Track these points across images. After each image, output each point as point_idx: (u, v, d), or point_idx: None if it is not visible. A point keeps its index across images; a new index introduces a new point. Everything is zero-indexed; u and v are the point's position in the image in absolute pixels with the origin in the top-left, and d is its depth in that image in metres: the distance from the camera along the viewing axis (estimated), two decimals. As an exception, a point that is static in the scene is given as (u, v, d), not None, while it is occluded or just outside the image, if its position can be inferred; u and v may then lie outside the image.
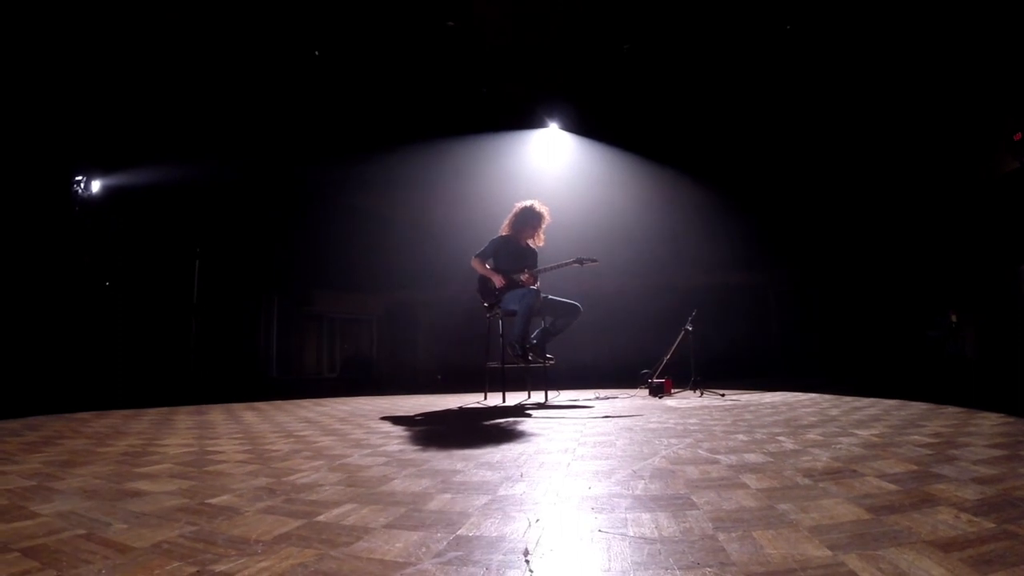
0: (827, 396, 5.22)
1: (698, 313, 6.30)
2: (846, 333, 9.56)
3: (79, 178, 7.53)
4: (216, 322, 8.80)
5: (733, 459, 2.24)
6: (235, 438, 3.25)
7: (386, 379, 10.83)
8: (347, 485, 1.94)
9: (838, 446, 2.46)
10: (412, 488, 1.88)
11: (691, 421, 3.51)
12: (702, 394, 5.99)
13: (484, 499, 1.71)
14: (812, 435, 2.82)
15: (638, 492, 1.73)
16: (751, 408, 4.28)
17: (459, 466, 2.26)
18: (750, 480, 1.85)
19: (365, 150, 8.73)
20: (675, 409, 4.42)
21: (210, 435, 3.39)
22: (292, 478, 2.06)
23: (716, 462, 2.19)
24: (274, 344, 10.38)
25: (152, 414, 4.90)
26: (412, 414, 4.64)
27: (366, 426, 3.79)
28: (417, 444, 2.92)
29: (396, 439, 3.09)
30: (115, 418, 4.57)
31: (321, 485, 1.94)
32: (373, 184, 9.46)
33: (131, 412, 5.13)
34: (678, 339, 6.31)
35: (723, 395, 5.75)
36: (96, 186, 7.69)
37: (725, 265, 9.73)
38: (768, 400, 4.99)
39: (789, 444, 2.57)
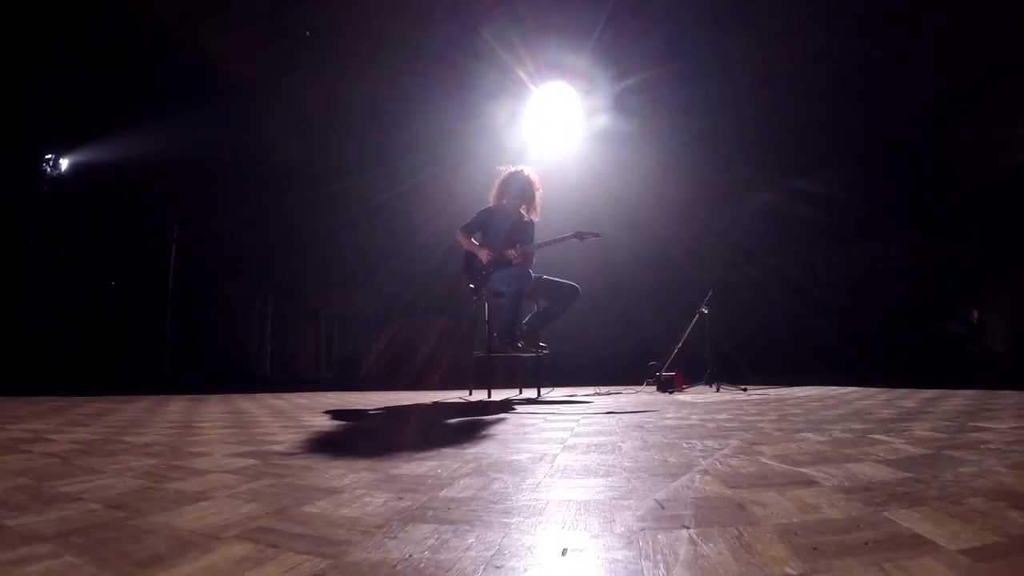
0: (871, 389, 4.15)
1: (715, 294, 5.22)
2: (862, 328, 8.46)
3: (48, 156, 6.57)
4: (198, 313, 7.76)
5: (834, 474, 1.20)
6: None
7: (385, 377, 9.71)
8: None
9: (992, 446, 1.42)
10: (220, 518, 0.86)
11: (723, 417, 2.46)
12: (719, 389, 4.92)
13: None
14: (920, 431, 1.78)
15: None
16: (791, 402, 3.22)
17: (343, 483, 1.22)
18: (915, 522, 0.82)
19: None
20: (694, 404, 3.36)
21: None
22: None
23: (808, 481, 1.15)
24: (268, 341, 9.34)
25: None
26: (369, 408, 3.60)
27: (289, 419, 2.74)
28: (316, 444, 1.89)
29: (297, 435, 2.04)
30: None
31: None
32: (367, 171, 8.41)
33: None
34: (691, 324, 5.22)
35: (745, 389, 4.69)
36: (66, 164, 6.72)
37: (739, 253, 8.61)
38: (804, 394, 3.92)
39: (901, 444, 1.53)
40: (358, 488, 1.18)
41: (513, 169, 4.98)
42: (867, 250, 8.73)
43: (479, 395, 4.76)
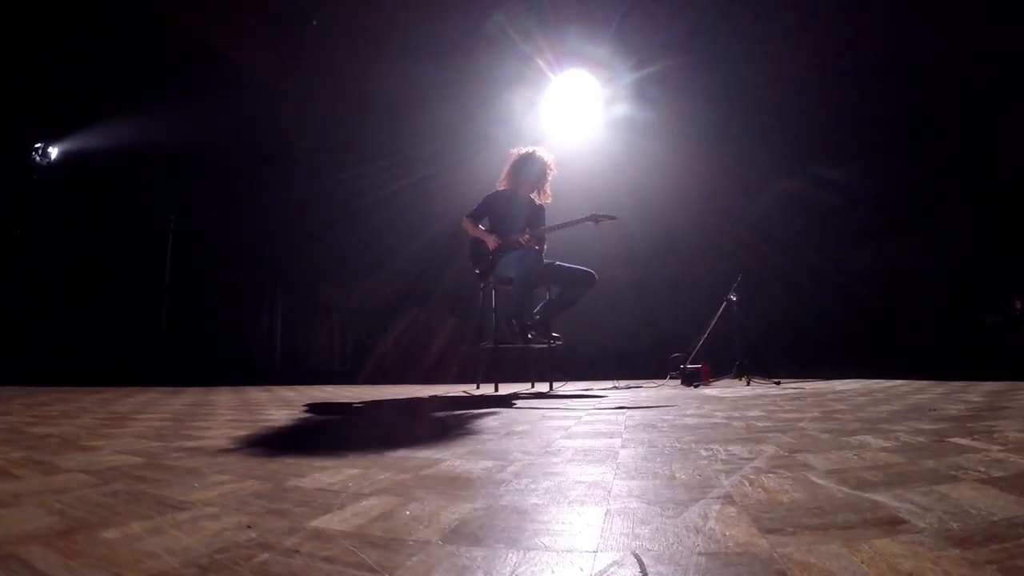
0: (921, 382, 3.64)
1: (745, 279, 4.72)
2: (893, 320, 7.78)
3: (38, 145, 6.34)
4: (200, 306, 7.45)
5: (926, 505, 0.76)
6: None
7: (400, 370, 9.34)
8: None
9: None
10: None
11: (754, 414, 2.01)
12: (749, 382, 4.44)
13: None
14: (1012, 432, 1.33)
15: None
16: (832, 396, 2.75)
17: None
18: None
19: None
20: (721, 399, 2.91)
21: None
22: None
23: (889, 519, 0.72)
24: (278, 334, 9.03)
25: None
26: (354, 401, 3.22)
27: (250, 413, 2.37)
28: (269, 440, 1.51)
29: (248, 432, 1.65)
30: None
31: None
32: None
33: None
34: (718, 313, 4.73)
35: (778, 382, 4.20)
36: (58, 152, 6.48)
37: (761, 242, 8.01)
38: (844, 388, 3.43)
39: (1000, 452, 1.09)
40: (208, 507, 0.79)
41: (525, 150, 4.57)
42: (898, 240, 8.06)
43: (487, 389, 4.36)
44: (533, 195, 4.57)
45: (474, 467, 1.13)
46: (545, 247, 4.54)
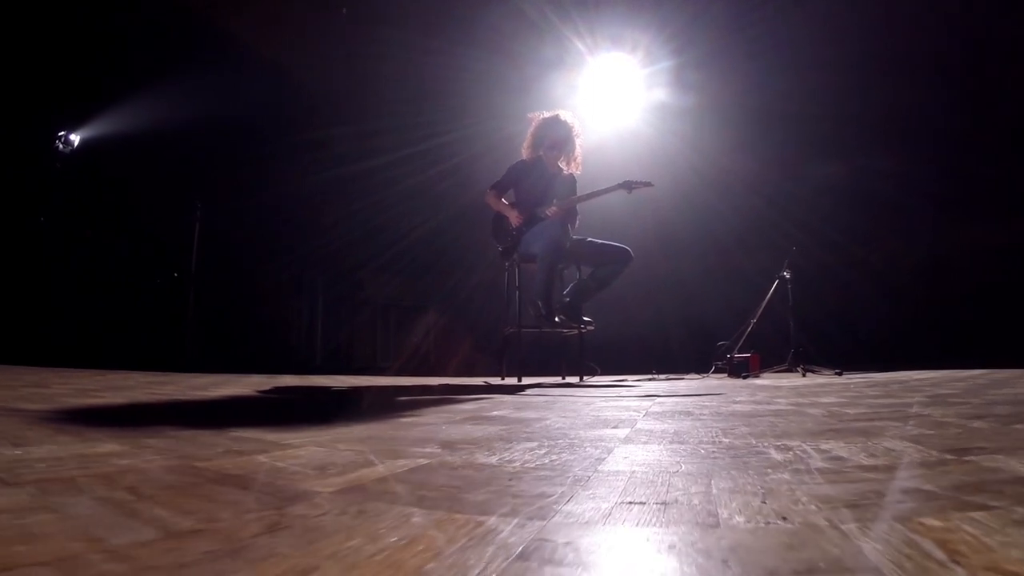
0: (1002, 372, 2.97)
1: (798, 253, 4.07)
2: (948, 312, 6.87)
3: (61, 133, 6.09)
4: (231, 298, 7.10)
5: None
6: None
7: (444, 365, 8.85)
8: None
9: None
10: None
11: (831, 400, 1.43)
12: (805, 372, 3.81)
13: None
14: None
15: None
16: (922, 384, 2.13)
17: None
18: None
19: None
20: (777, 387, 2.33)
21: None
22: None
23: None
24: (319, 328, 8.65)
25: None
26: (343, 387, 2.74)
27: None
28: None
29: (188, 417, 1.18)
30: None
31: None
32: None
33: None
34: (769, 292, 4.09)
35: (839, 373, 3.56)
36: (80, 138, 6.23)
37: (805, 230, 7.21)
38: (924, 377, 2.79)
39: None
40: None
41: (547, 114, 4.02)
42: (952, 230, 7.17)
43: (513, 381, 3.83)
44: (561, 163, 4.03)
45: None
46: (576, 222, 4.01)
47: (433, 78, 7.63)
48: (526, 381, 3.70)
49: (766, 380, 3.29)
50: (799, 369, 3.87)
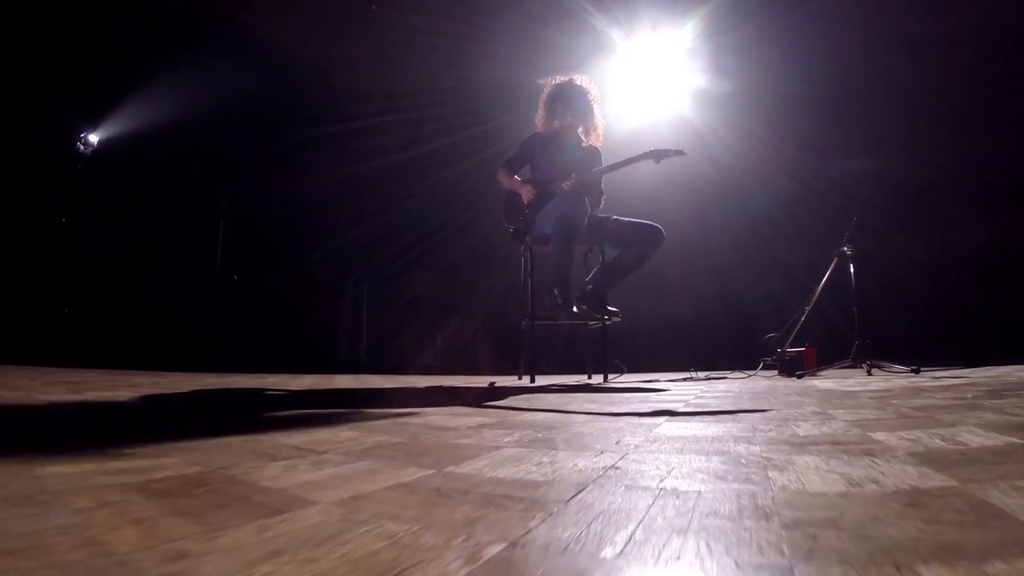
0: None
1: (861, 221, 3.38)
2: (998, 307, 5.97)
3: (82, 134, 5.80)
4: (266, 295, 6.73)
5: None
6: None
7: (489, 365, 8.28)
8: None
9: None
10: None
11: (984, 445, 0.86)
12: (871, 370, 3.16)
13: None
14: None
15: None
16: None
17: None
18: None
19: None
20: (851, 394, 1.73)
21: None
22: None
23: None
24: (363, 326, 8.24)
25: None
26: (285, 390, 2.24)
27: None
28: None
29: None
30: None
31: None
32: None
33: None
34: (828, 272, 3.42)
35: (916, 370, 2.91)
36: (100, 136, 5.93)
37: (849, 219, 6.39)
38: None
39: None
40: None
41: (560, 79, 3.47)
42: (999, 221, 6.25)
43: (541, 378, 3.30)
44: (581, 134, 3.47)
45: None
46: (601, 201, 3.45)
47: (466, 66, 7.14)
48: (543, 381, 3.17)
49: (829, 381, 2.68)
50: (864, 365, 3.22)
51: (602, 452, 0.81)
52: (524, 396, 2.03)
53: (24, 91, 5.19)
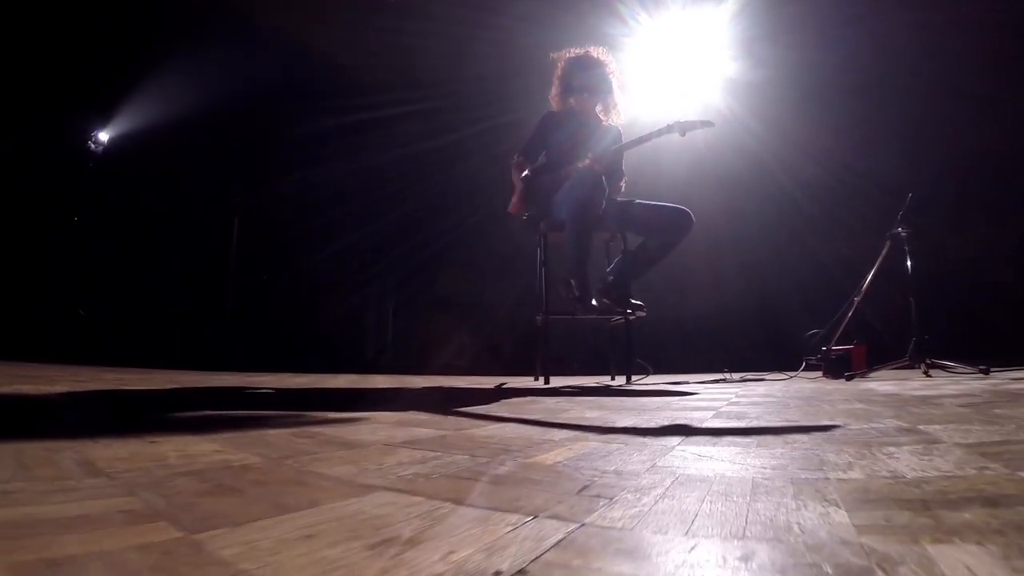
0: None
1: (915, 204, 2.97)
2: None
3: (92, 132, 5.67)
4: (271, 297, 6.53)
5: None
6: None
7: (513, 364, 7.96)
8: None
9: None
10: None
11: None
12: (929, 371, 2.77)
13: None
14: None
15: None
16: None
17: None
18: None
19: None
20: (925, 399, 1.38)
21: None
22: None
23: None
24: (389, 326, 8.01)
25: None
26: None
27: None
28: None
29: None
30: None
31: None
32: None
33: None
34: (878, 260, 3.02)
35: (986, 371, 2.52)
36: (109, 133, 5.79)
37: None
38: None
39: None
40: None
41: (574, 52, 3.14)
42: None
43: (556, 380, 2.98)
44: (599, 112, 3.14)
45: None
46: (623, 184, 3.11)
47: (487, 56, 6.84)
48: (561, 382, 2.86)
49: (886, 383, 2.31)
50: (922, 365, 2.83)
51: (534, 518, 0.48)
52: (522, 399, 1.72)
53: (30, 93, 5.08)
